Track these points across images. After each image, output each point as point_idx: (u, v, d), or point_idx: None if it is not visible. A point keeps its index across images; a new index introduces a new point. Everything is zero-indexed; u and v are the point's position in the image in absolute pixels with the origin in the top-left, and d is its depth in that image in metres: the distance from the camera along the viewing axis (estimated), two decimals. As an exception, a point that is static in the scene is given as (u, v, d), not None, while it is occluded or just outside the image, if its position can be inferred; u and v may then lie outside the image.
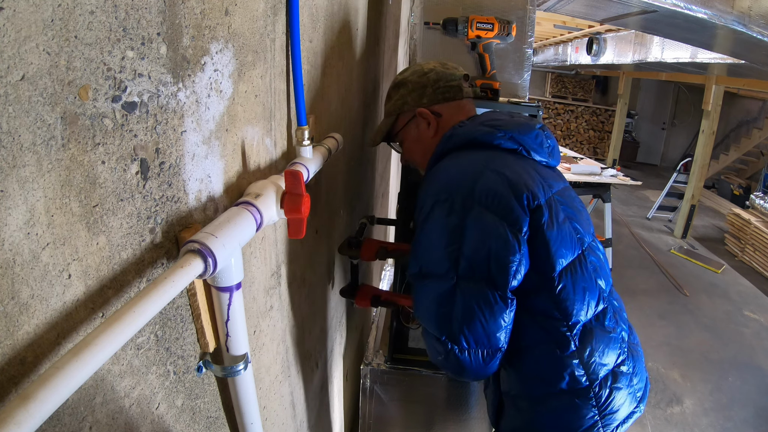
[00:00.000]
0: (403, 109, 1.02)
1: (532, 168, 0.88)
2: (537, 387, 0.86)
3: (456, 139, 0.92)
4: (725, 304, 4.11)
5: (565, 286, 0.82)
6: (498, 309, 0.78)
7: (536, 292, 0.82)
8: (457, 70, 1.03)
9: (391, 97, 1.05)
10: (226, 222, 0.51)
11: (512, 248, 0.78)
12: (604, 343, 0.84)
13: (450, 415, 1.47)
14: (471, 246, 0.78)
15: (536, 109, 1.27)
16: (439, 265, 0.80)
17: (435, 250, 0.81)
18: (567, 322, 0.82)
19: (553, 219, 0.82)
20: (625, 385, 0.86)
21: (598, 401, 0.83)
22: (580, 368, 0.82)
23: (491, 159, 0.86)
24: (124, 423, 0.44)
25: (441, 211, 0.81)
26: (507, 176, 0.82)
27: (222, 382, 0.64)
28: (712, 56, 3.01)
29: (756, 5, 1.74)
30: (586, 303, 0.84)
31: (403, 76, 1.04)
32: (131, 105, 0.40)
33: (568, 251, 0.83)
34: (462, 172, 0.85)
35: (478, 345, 0.78)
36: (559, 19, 4.28)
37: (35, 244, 0.33)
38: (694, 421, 2.70)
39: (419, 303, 0.84)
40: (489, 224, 0.79)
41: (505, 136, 0.89)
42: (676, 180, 6.25)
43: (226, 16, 0.53)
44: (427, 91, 1.00)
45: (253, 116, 0.64)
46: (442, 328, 0.79)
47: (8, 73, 0.29)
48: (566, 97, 9.72)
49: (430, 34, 1.38)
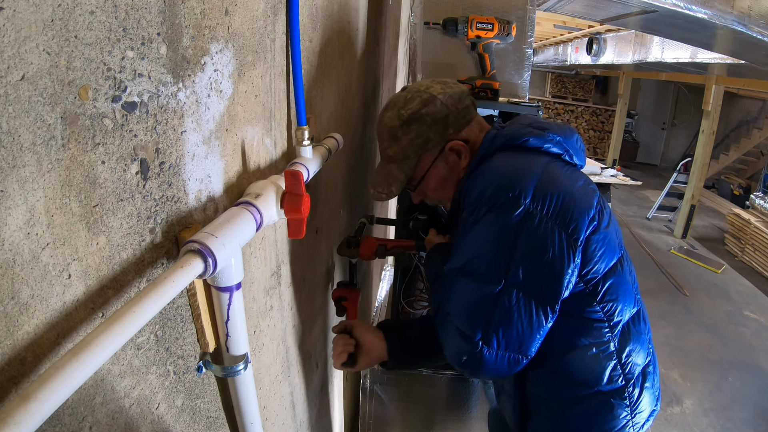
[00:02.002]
0: (427, 147, 0.91)
1: (578, 173, 0.86)
2: (572, 388, 0.84)
3: (502, 140, 0.87)
4: (725, 304, 4.11)
5: (609, 287, 0.81)
6: (540, 321, 0.76)
7: (581, 295, 0.80)
8: (459, 85, 0.96)
9: (399, 138, 0.92)
10: (226, 222, 0.51)
11: (569, 259, 0.75)
12: (639, 344, 0.85)
13: (450, 415, 1.47)
14: (524, 253, 0.75)
15: (536, 110, 1.27)
16: (487, 266, 0.77)
17: (485, 251, 0.77)
18: (609, 322, 0.81)
19: (601, 224, 0.81)
20: (651, 385, 0.87)
21: (631, 401, 0.83)
22: (618, 368, 0.82)
23: (547, 163, 0.82)
24: (124, 423, 0.44)
25: (497, 212, 0.77)
26: (566, 183, 0.80)
27: (222, 382, 0.64)
28: (712, 56, 3.01)
29: (756, 5, 1.74)
30: (627, 304, 0.84)
31: (410, 109, 0.90)
32: (131, 105, 0.40)
33: (613, 254, 0.82)
34: (520, 173, 0.80)
35: (508, 349, 0.76)
36: (559, 19, 4.28)
37: (35, 244, 0.33)
38: (694, 421, 2.70)
39: (455, 299, 0.80)
40: (547, 233, 0.75)
41: (554, 140, 0.86)
42: (676, 180, 6.26)
43: (226, 16, 0.53)
44: (450, 121, 0.90)
45: (253, 116, 0.64)
46: (476, 328, 0.76)
47: (8, 73, 0.29)
48: (566, 97, 9.73)
49: (430, 34, 1.38)
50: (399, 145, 0.93)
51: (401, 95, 0.95)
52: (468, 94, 0.94)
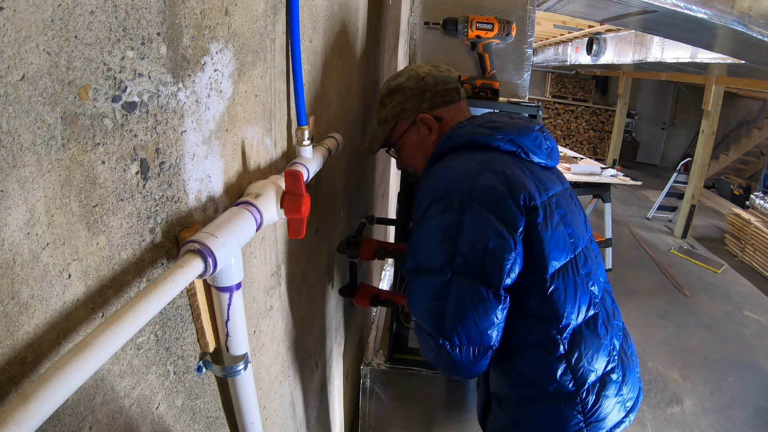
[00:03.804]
0: (402, 116, 1.01)
1: (529, 170, 0.89)
2: (523, 389, 0.86)
3: (455, 140, 0.93)
4: (725, 304, 4.11)
5: (557, 288, 0.82)
6: (491, 305, 0.78)
7: (529, 292, 0.83)
8: (451, 71, 1.03)
9: (386, 104, 1.03)
10: (226, 222, 0.51)
11: (508, 246, 0.79)
12: (594, 349, 0.84)
13: (450, 415, 1.47)
14: (467, 243, 0.79)
15: (536, 109, 1.27)
16: (434, 260, 0.81)
17: (431, 245, 0.82)
18: (557, 324, 0.82)
19: (547, 220, 0.83)
20: (614, 394, 0.85)
21: (584, 407, 0.83)
22: (568, 372, 0.82)
23: (490, 159, 0.87)
24: (124, 423, 0.44)
25: (438, 208, 0.82)
26: (505, 176, 0.83)
27: (222, 382, 0.64)
28: (712, 56, 3.01)
29: (756, 5, 1.74)
30: (577, 307, 0.84)
31: (397, 82, 1.02)
32: (131, 105, 0.40)
33: (561, 254, 0.84)
34: (461, 171, 0.86)
35: (470, 342, 0.79)
36: (559, 19, 4.28)
37: (35, 244, 0.33)
38: (694, 421, 2.70)
39: (413, 298, 0.85)
40: (486, 222, 0.80)
41: (504, 138, 0.90)
42: (676, 180, 6.26)
43: (226, 16, 0.53)
44: (426, 96, 0.99)
45: (253, 116, 0.64)
46: (435, 324, 0.80)
47: (8, 73, 0.29)
48: (566, 97, 9.72)
49: (430, 34, 1.38)
50: (384, 111, 1.04)
51: (399, 71, 1.06)
52: (454, 81, 1.01)
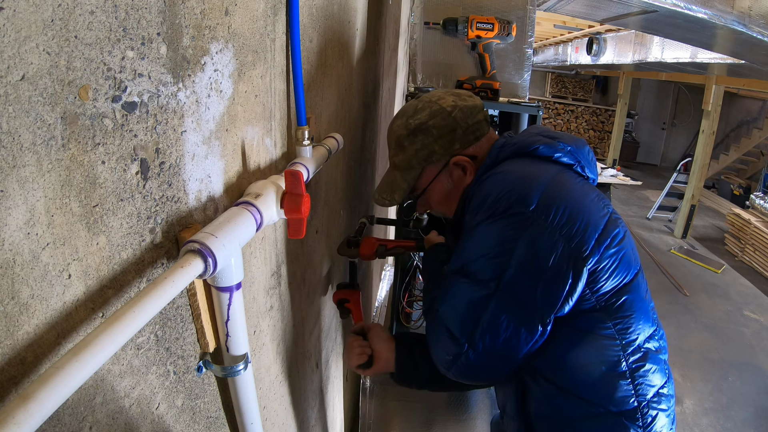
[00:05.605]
0: (431, 160, 0.90)
1: (589, 186, 0.83)
2: (580, 406, 0.79)
3: (511, 148, 0.85)
4: (725, 304, 4.11)
5: (625, 303, 0.78)
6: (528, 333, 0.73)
7: (592, 311, 0.77)
8: (474, 98, 0.93)
9: (405, 147, 0.91)
10: (226, 222, 0.51)
11: (565, 275, 0.72)
12: (653, 364, 0.80)
13: (450, 415, 1.47)
14: (522, 261, 0.73)
15: (536, 110, 1.27)
16: (483, 270, 0.76)
17: (484, 254, 0.77)
18: (622, 341, 0.77)
19: (615, 239, 0.77)
20: (667, 407, 0.81)
21: (644, 423, 0.78)
22: (630, 389, 0.77)
23: (557, 173, 0.80)
24: (124, 423, 0.44)
25: (498, 218, 0.76)
26: (575, 194, 0.77)
27: (222, 382, 0.64)
28: (712, 56, 3.01)
29: (756, 5, 1.74)
30: (642, 322, 0.80)
31: (418, 120, 0.90)
32: (131, 105, 0.40)
33: (630, 269, 0.79)
34: (524, 180, 0.78)
35: (494, 357, 0.75)
36: (559, 19, 4.28)
37: (35, 244, 0.33)
38: (694, 421, 2.70)
39: (448, 298, 0.80)
40: (547, 243, 0.73)
41: (565, 150, 0.84)
42: (676, 180, 6.26)
43: (226, 16, 0.53)
44: (457, 135, 0.88)
45: (253, 116, 0.64)
46: (465, 330, 0.76)
47: (8, 73, 0.29)
48: (566, 97, 9.73)
49: (430, 34, 1.39)
50: (404, 155, 0.92)
51: (413, 104, 0.94)
52: (482, 109, 0.92)
